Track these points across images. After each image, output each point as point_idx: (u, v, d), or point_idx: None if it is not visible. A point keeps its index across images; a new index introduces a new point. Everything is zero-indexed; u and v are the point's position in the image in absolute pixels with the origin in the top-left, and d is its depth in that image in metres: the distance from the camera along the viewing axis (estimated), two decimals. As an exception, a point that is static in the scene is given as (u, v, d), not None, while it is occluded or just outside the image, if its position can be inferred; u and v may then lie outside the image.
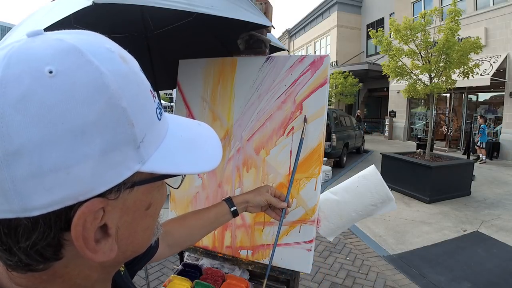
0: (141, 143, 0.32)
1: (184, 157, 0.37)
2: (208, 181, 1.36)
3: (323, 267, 3.20)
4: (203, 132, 0.44)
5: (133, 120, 0.30)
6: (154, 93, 0.37)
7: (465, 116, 11.87)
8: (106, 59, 0.30)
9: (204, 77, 1.36)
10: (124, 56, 0.33)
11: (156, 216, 0.40)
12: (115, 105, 0.29)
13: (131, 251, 0.37)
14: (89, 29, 0.36)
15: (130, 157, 0.31)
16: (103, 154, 0.28)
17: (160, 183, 0.38)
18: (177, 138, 0.38)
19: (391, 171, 6.03)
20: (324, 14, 21.56)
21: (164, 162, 0.34)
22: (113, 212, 0.32)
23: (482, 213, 4.83)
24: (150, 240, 0.40)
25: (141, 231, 0.37)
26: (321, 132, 1.16)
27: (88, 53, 0.29)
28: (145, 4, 0.91)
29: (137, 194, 0.34)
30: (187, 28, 1.50)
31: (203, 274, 1.32)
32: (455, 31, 5.76)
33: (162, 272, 3.03)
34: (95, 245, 0.30)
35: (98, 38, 0.33)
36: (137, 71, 0.34)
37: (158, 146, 0.35)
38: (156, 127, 0.35)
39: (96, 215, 0.30)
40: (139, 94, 0.32)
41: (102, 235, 0.32)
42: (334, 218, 1.17)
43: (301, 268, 1.23)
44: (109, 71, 0.29)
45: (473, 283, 2.93)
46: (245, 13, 1.06)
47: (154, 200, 0.37)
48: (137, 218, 0.35)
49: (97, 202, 0.29)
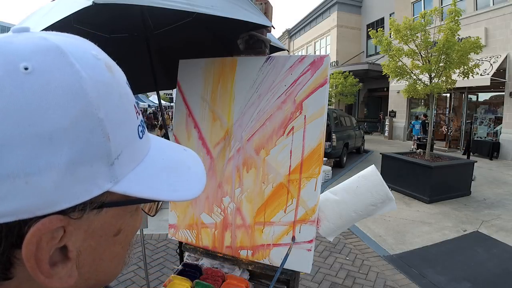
0: (115, 160, 0.29)
1: (163, 181, 0.34)
2: (208, 181, 1.36)
3: (323, 267, 3.20)
4: (188, 158, 0.41)
5: (110, 133, 0.28)
6: (138, 109, 0.34)
7: (465, 116, 11.86)
8: (89, 65, 0.28)
9: (204, 77, 1.36)
10: (111, 66, 0.31)
11: (127, 245, 0.36)
12: (91, 114, 0.26)
13: (94, 280, 0.33)
14: (89, 29, 0.35)
15: (101, 173, 0.28)
16: (70, 166, 0.25)
17: (134, 208, 0.35)
18: (158, 161, 0.35)
19: (391, 171, 6.03)
20: (324, 14, 21.56)
21: (140, 185, 0.31)
22: (76, 233, 0.28)
23: (482, 213, 4.83)
24: (118, 270, 0.36)
25: (107, 259, 0.33)
26: (321, 132, 1.16)
27: (70, 55, 0.27)
28: (145, 4, 0.91)
29: (105, 216, 0.30)
30: (187, 28, 1.50)
31: (203, 274, 1.32)
32: (455, 31, 5.76)
33: (162, 272, 3.03)
34: (50, 269, 0.26)
35: (86, 44, 0.31)
36: (122, 84, 0.32)
37: (136, 166, 0.32)
38: (135, 146, 0.32)
39: (55, 234, 0.26)
40: (120, 107, 0.30)
41: (60, 258, 0.28)
42: (334, 218, 1.17)
43: (301, 268, 1.23)
44: (90, 77, 0.27)
45: (473, 283, 2.93)
46: (245, 13, 1.06)
47: (125, 226, 0.33)
48: (103, 244, 0.31)
49: (57, 219, 0.26)
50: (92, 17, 1.24)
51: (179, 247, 1.60)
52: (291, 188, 1.21)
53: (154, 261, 3.23)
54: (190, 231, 1.42)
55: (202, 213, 1.38)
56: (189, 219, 1.42)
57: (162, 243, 3.66)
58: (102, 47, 0.35)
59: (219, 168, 1.34)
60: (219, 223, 1.35)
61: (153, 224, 4.05)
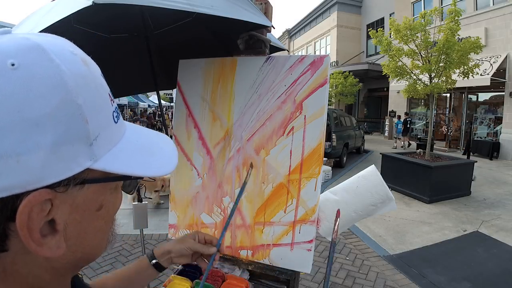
0: (94, 140, 0.33)
1: (138, 160, 0.38)
2: (208, 181, 1.36)
3: (323, 267, 3.20)
4: (161, 140, 0.46)
5: (88, 117, 0.32)
6: (112, 97, 0.39)
7: (465, 116, 11.87)
8: (67, 60, 0.32)
9: (204, 77, 1.36)
10: (86, 60, 0.35)
11: (109, 220, 0.40)
12: (71, 101, 0.30)
13: (81, 253, 0.37)
14: (89, 29, 0.37)
15: (82, 153, 0.32)
16: (54, 146, 0.29)
17: (113, 185, 0.39)
18: (133, 143, 0.40)
19: (391, 171, 6.03)
20: (324, 14, 21.56)
21: (117, 162, 0.35)
22: (62, 207, 0.32)
23: (482, 213, 4.83)
24: (102, 245, 0.40)
25: (91, 232, 0.37)
26: (321, 132, 1.16)
27: (50, 52, 0.30)
28: (145, 4, 0.91)
29: (87, 192, 0.34)
30: (187, 28, 1.50)
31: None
32: (455, 31, 5.76)
33: (162, 272, 3.03)
34: (41, 238, 0.30)
35: (63, 42, 0.35)
36: (97, 76, 0.36)
37: (113, 147, 0.36)
38: (111, 129, 0.36)
39: (44, 206, 0.30)
40: (96, 95, 0.34)
41: (50, 231, 0.32)
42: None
43: (301, 268, 1.23)
44: (68, 70, 0.31)
45: (473, 283, 2.93)
46: (245, 13, 1.06)
47: (106, 202, 0.38)
48: (87, 218, 0.35)
49: (45, 192, 0.29)
50: (92, 17, 1.24)
51: (179, 247, 1.60)
52: (291, 188, 1.21)
53: (154, 261, 3.23)
54: (190, 231, 1.42)
55: (202, 213, 1.38)
56: (189, 219, 1.42)
57: (162, 243, 3.66)
58: (102, 47, 0.36)
59: (219, 168, 1.34)
60: (219, 223, 1.35)
61: (153, 224, 4.05)
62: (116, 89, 2.19)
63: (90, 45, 1.52)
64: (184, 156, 1.41)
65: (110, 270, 3.01)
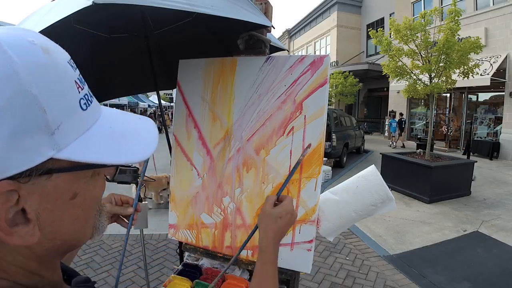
0: (56, 130, 0.32)
1: (108, 147, 0.37)
2: (208, 181, 1.36)
3: (323, 267, 3.20)
4: (141, 125, 0.44)
5: (45, 107, 0.31)
6: (82, 84, 0.38)
7: (465, 116, 11.86)
8: (23, 50, 0.31)
9: (204, 77, 1.36)
10: (48, 48, 0.34)
11: (88, 208, 0.39)
12: (25, 92, 0.30)
13: (60, 240, 0.37)
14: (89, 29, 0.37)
15: (43, 143, 0.31)
16: (11, 138, 0.29)
17: (88, 173, 0.38)
18: (105, 129, 0.39)
19: (391, 171, 6.03)
20: (324, 14, 21.55)
21: (84, 151, 0.34)
22: (30, 197, 0.32)
23: (482, 213, 4.83)
24: (85, 233, 0.40)
25: (68, 220, 0.37)
26: (321, 132, 1.16)
27: (4, 44, 0.30)
28: (145, 4, 0.91)
29: (57, 181, 0.34)
30: (187, 28, 1.50)
31: (203, 274, 1.32)
32: (455, 31, 5.75)
33: (162, 272, 3.03)
34: (9, 227, 0.31)
35: (23, 32, 0.34)
36: (60, 63, 0.35)
37: (80, 136, 0.35)
38: (77, 117, 0.35)
39: (10, 197, 0.31)
40: (56, 83, 0.33)
41: (22, 220, 0.32)
42: (334, 218, 1.17)
43: (301, 268, 1.23)
44: (21, 60, 0.30)
45: (473, 283, 2.93)
46: (245, 13, 1.06)
47: (80, 190, 0.37)
48: (60, 207, 0.35)
49: (7, 184, 0.30)
50: (92, 17, 1.24)
51: (179, 247, 1.60)
52: (291, 188, 1.21)
53: (154, 261, 3.23)
54: (190, 231, 1.42)
55: (202, 213, 1.38)
56: (189, 219, 1.42)
57: (162, 243, 3.66)
58: (102, 47, 0.36)
59: (219, 168, 1.34)
60: (219, 223, 1.35)
61: (153, 224, 4.05)
62: (116, 89, 2.20)
63: (90, 45, 1.52)
64: (184, 156, 1.41)
65: (110, 270, 3.01)
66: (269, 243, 0.72)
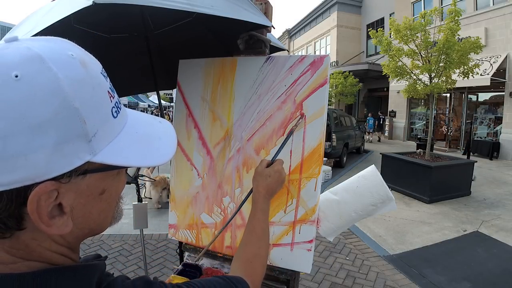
0: (93, 137, 0.36)
1: (134, 151, 0.42)
2: (208, 181, 1.36)
3: (323, 267, 3.20)
4: (162, 129, 0.49)
5: (85, 118, 0.35)
6: (113, 93, 0.42)
7: (465, 116, 11.86)
8: (65, 66, 0.35)
9: (204, 77, 1.36)
10: (85, 61, 0.38)
11: (112, 201, 0.45)
12: (69, 106, 0.34)
13: (88, 229, 0.43)
14: (89, 29, 0.38)
15: (81, 149, 0.36)
16: (56, 145, 0.33)
17: (115, 172, 0.43)
18: (132, 135, 0.43)
19: (391, 171, 6.03)
20: (324, 14, 21.54)
21: (114, 155, 0.39)
22: (67, 194, 0.37)
23: (482, 213, 4.83)
24: (107, 222, 0.46)
25: (96, 213, 0.42)
26: (321, 132, 1.16)
27: (49, 60, 0.34)
28: (145, 4, 0.91)
29: (90, 180, 0.39)
30: (187, 28, 1.50)
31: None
32: (455, 31, 5.75)
33: (162, 272, 3.03)
34: (49, 220, 0.36)
35: (63, 45, 0.38)
36: (95, 75, 0.39)
37: (111, 141, 0.40)
38: (110, 124, 0.40)
39: (51, 194, 0.35)
40: (93, 95, 0.37)
41: (58, 212, 0.37)
42: (334, 218, 1.17)
43: (301, 268, 1.22)
44: (65, 77, 0.34)
45: (473, 283, 2.93)
46: (245, 13, 1.06)
47: (108, 187, 0.42)
48: (91, 201, 0.40)
49: (50, 184, 0.35)
50: (92, 17, 1.24)
51: (179, 247, 1.60)
52: (291, 188, 1.21)
53: (154, 261, 3.23)
54: (190, 231, 1.42)
55: (202, 213, 1.38)
56: (189, 219, 1.42)
57: (162, 243, 3.66)
58: (102, 47, 0.37)
59: (219, 168, 1.34)
60: (219, 223, 1.35)
61: (153, 224, 4.05)
62: (116, 89, 2.20)
63: (90, 45, 1.51)
64: (184, 156, 1.41)
65: (110, 270, 3.00)
66: (260, 196, 0.83)
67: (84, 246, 3.45)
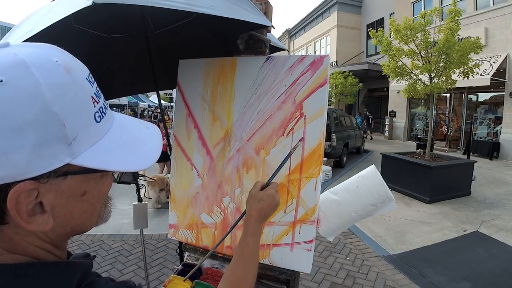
0: (73, 141, 0.38)
1: (115, 156, 0.43)
2: (208, 181, 1.36)
3: (323, 267, 3.20)
4: (148, 135, 0.50)
5: (65, 122, 0.37)
6: (98, 98, 0.43)
7: (465, 116, 11.86)
8: (47, 72, 0.37)
9: (204, 77, 1.36)
10: (70, 67, 0.40)
11: (95, 202, 0.46)
12: (48, 110, 0.35)
13: (70, 228, 0.44)
14: (89, 29, 0.38)
15: (61, 151, 0.37)
16: (36, 147, 0.35)
17: (97, 175, 0.44)
18: (115, 139, 0.44)
19: (391, 171, 6.03)
20: (324, 14, 21.54)
21: (94, 158, 0.40)
22: (47, 193, 0.38)
23: (482, 213, 4.83)
24: (91, 222, 0.47)
25: (77, 213, 0.43)
26: (321, 132, 1.16)
27: (32, 66, 0.36)
28: (145, 4, 0.91)
29: (71, 182, 0.40)
30: (187, 28, 1.49)
31: (203, 274, 1.32)
32: (455, 31, 5.75)
33: (162, 272, 3.03)
34: (28, 217, 0.37)
35: (50, 52, 0.40)
36: (79, 81, 0.40)
37: (92, 145, 0.41)
38: (92, 128, 0.41)
39: (30, 193, 0.37)
40: (75, 100, 0.39)
41: (39, 211, 0.39)
42: (334, 218, 1.17)
43: (301, 268, 1.22)
44: (46, 82, 0.36)
45: (473, 283, 2.93)
46: (245, 13, 1.06)
47: (90, 189, 0.43)
48: (72, 202, 0.42)
49: (29, 183, 0.36)
50: (92, 17, 1.23)
51: (179, 247, 1.60)
52: (291, 188, 1.21)
53: (154, 261, 3.23)
54: (190, 231, 1.42)
55: (202, 213, 1.38)
56: (189, 219, 1.42)
57: (162, 243, 3.66)
58: (102, 47, 0.37)
59: (219, 168, 1.34)
60: (219, 223, 1.35)
61: (153, 224, 4.05)
62: (116, 89, 2.20)
63: (90, 45, 1.52)
64: (184, 156, 1.41)
65: (110, 270, 3.01)
66: (252, 219, 0.82)
67: (84, 246, 3.46)
